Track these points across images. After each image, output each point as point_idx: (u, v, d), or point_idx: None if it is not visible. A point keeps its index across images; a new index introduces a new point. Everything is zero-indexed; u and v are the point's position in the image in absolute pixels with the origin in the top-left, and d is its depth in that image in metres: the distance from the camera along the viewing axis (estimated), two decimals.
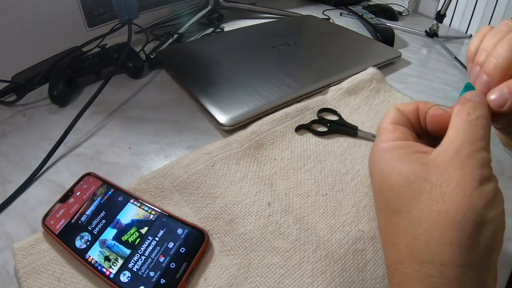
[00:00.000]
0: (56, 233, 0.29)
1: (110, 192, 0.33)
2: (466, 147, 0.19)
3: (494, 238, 0.18)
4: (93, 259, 0.28)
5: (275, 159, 0.38)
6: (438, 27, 0.71)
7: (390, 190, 0.21)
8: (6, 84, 0.50)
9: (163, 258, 0.28)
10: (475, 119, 0.20)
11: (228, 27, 0.72)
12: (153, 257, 0.28)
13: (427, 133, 0.25)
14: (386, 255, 0.21)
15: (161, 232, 0.29)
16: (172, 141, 0.42)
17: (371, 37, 0.68)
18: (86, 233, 0.29)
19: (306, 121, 0.43)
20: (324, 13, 0.84)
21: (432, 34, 0.71)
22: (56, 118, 0.46)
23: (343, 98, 0.48)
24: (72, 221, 0.30)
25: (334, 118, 0.44)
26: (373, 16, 0.75)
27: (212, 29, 0.71)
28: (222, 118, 0.42)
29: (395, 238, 0.20)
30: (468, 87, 0.26)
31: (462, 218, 0.17)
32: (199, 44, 0.63)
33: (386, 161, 0.22)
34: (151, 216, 0.31)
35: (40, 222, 0.31)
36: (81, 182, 0.34)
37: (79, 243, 0.29)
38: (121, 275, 0.27)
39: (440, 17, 0.69)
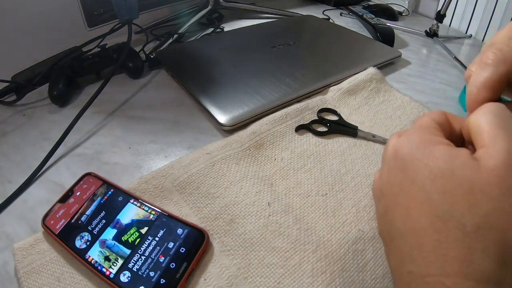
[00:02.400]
0: (56, 233, 0.29)
1: (110, 192, 0.33)
2: None
3: None
4: (93, 259, 0.28)
5: (275, 159, 0.38)
6: (438, 27, 0.71)
7: (441, 194, 0.18)
8: (6, 84, 0.50)
9: (163, 258, 0.28)
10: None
11: (228, 27, 0.72)
12: (153, 257, 0.28)
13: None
14: (419, 264, 0.19)
15: (161, 232, 0.29)
16: (172, 141, 0.42)
17: (371, 37, 0.68)
18: (86, 233, 0.29)
19: (306, 121, 0.43)
20: (324, 13, 0.84)
21: (432, 34, 0.71)
22: (56, 118, 0.46)
23: (343, 98, 0.48)
24: (72, 221, 0.31)
25: (334, 118, 0.44)
26: (373, 16, 0.75)
27: (212, 29, 0.71)
28: (222, 118, 0.42)
29: (440, 248, 0.18)
30: None
31: None
32: (199, 44, 0.63)
33: (437, 159, 0.19)
34: (151, 216, 0.31)
35: (40, 222, 0.31)
36: (81, 182, 0.34)
37: (79, 243, 0.29)
38: (121, 275, 0.27)
39: (440, 17, 0.69)
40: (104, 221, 0.30)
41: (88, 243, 0.29)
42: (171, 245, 0.29)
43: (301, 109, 0.44)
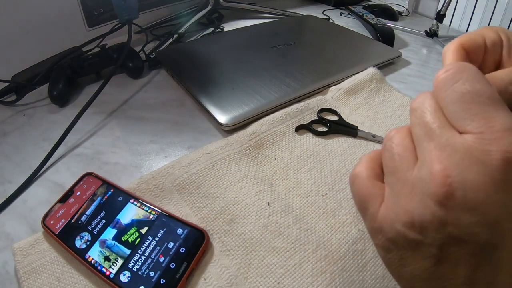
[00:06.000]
0: (56, 233, 0.29)
1: (110, 192, 0.33)
2: None
3: None
4: (93, 259, 0.28)
5: (275, 159, 0.38)
6: (438, 27, 0.71)
7: None
8: (6, 84, 0.50)
9: (163, 258, 0.28)
10: None
11: (228, 27, 0.72)
12: (153, 257, 0.28)
13: None
14: None
15: (161, 232, 0.29)
16: (172, 141, 0.42)
17: (371, 37, 0.68)
18: (86, 233, 0.29)
19: (306, 121, 0.43)
20: (324, 13, 0.84)
21: (432, 34, 0.71)
22: (56, 118, 0.46)
23: (343, 98, 0.48)
24: (72, 221, 0.31)
25: (334, 118, 0.44)
26: (373, 16, 0.75)
27: (212, 29, 0.71)
28: (222, 118, 0.42)
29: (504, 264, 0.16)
30: None
31: None
32: (199, 44, 0.63)
33: None
34: (151, 216, 0.31)
35: (40, 222, 0.31)
36: (81, 182, 0.34)
37: (79, 243, 0.29)
38: (121, 275, 0.27)
39: (440, 17, 0.69)
40: (104, 221, 0.30)
41: (88, 243, 0.29)
42: (171, 245, 0.29)
43: (301, 109, 0.44)
